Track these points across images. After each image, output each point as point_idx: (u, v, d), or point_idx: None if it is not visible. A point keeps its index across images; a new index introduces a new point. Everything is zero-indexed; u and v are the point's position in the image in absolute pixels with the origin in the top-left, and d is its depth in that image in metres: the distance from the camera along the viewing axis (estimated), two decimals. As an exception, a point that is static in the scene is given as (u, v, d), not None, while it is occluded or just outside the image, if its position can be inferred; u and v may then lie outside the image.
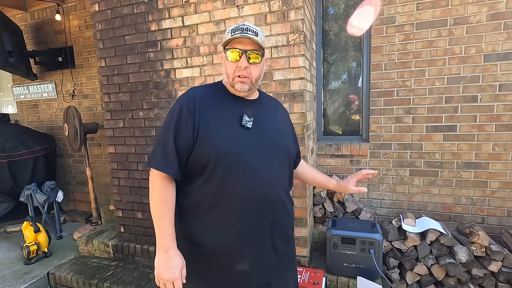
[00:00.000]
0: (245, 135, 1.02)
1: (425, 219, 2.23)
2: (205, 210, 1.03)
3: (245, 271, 1.05)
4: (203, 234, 1.04)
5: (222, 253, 1.04)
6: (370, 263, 1.93)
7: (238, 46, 1.00)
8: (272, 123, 1.13)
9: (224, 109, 1.05)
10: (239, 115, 1.03)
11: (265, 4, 1.96)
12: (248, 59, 1.00)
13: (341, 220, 2.21)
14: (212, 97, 1.07)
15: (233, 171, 0.99)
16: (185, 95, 1.06)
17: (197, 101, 1.02)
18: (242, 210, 1.02)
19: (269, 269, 1.10)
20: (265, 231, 1.07)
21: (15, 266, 2.69)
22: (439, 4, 2.24)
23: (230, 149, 0.99)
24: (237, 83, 1.03)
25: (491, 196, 2.31)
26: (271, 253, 1.10)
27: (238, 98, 1.10)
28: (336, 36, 2.70)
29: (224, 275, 1.05)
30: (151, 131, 2.42)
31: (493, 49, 2.17)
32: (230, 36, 1.00)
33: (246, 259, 1.05)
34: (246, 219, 1.03)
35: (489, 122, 2.24)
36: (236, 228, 1.03)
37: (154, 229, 1.02)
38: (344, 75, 2.78)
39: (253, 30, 1.00)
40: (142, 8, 2.29)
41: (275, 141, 1.10)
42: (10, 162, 3.27)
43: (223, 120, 1.03)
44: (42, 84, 3.94)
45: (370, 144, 2.54)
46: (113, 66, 2.47)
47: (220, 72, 2.16)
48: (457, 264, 1.97)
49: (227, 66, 1.05)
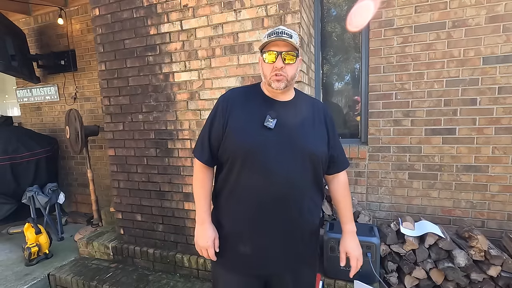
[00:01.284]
0: (265, 135, 1.08)
1: (424, 223, 2.22)
2: (225, 197, 1.18)
3: (254, 258, 1.15)
4: (223, 217, 1.21)
5: (236, 237, 1.16)
6: (368, 267, 1.92)
7: (274, 49, 1.08)
8: (299, 124, 1.15)
9: (252, 109, 1.14)
10: (263, 116, 1.11)
11: (262, 8, 1.98)
12: (284, 60, 1.07)
13: (339, 223, 2.19)
14: (245, 97, 1.18)
15: (247, 167, 1.09)
16: (222, 96, 1.21)
17: (230, 101, 1.16)
18: (253, 205, 1.11)
19: (280, 260, 1.17)
20: (275, 229, 1.13)
21: (16, 267, 2.72)
22: (438, 7, 2.23)
23: (246, 146, 1.08)
24: (273, 82, 1.10)
25: (491, 199, 2.29)
26: (283, 249, 1.16)
27: (268, 99, 1.17)
28: (335, 38, 2.71)
29: (237, 257, 1.17)
30: (150, 134, 2.44)
31: (492, 52, 2.16)
32: (267, 39, 1.08)
33: (256, 249, 1.14)
34: (256, 213, 1.11)
35: (488, 125, 2.23)
36: (248, 219, 1.13)
37: (196, 208, 1.22)
38: (343, 78, 2.78)
39: (288, 33, 1.07)
40: (142, 12, 2.32)
41: (298, 143, 1.11)
42: (13, 164, 3.31)
43: (248, 119, 1.12)
44: (44, 87, 4.00)
45: (369, 147, 2.54)
46: (113, 70, 2.50)
47: (218, 75, 2.17)
48: (455, 269, 1.96)
49: (264, 67, 1.12)
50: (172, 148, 2.38)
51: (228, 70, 2.13)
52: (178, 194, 2.43)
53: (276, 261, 1.16)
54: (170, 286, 2.31)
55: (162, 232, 2.55)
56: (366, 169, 2.58)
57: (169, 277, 2.44)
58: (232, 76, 2.12)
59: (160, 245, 2.57)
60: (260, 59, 1.15)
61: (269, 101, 1.16)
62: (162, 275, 2.47)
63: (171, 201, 2.46)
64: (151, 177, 2.50)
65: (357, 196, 2.62)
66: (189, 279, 2.40)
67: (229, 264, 1.19)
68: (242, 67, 2.09)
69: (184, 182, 2.39)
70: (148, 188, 2.53)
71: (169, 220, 2.50)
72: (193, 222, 2.42)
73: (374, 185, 2.57)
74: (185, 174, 2.37)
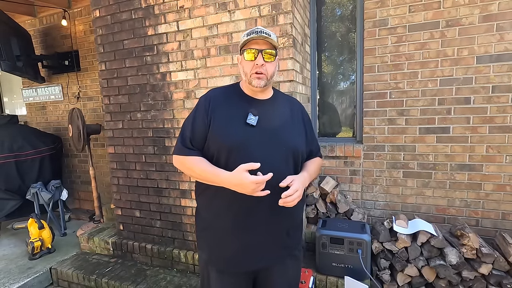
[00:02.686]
0: (248, 132, 1.12)
1: (418, 221, 2.23)
2: (209, 196, 1.19)
3: (241, 255, 1.17)
4: (208, 215, 1.22)
5: (223, 234, 1.18)
6: (358, 263, 1.95)
7: (254, 47, 1.12)
8: (280, 121, 1.19)
9: (233, 108, 1.16)
10: (245, 114, 1.14)
11: (255, 9, 2.02)
12: (264, 58, 1.11)
13: (331, 221, 2.23)
14: (225, 96, 1.20)
15: (231, 164, 1.09)
16: (203, 96, 1.23)
17: (211, 101, 1.17)
18: (238, 202, 1.11)
19: (266, 255, 1.19)
20: (260, 221, 1.15)
21: (20, 261, 2.81)
22: (431, 6, 2.24)
23: (231, 143, 1.10)
24: (254, 79, 1.13)
25: (485, 198, 2.29)
26: (269, 243, 1.19)
27: (248, 98, 1.20)
28: (331, 38, 2.73)
29: (224, 255, 1.18)
30: (148, 132, 2.51)
31: (485, 51, 2.16)
32: (246, 38, 1.12)
33: (243, 245, 1.16)
34: (241, 210, 1.13)
35: (482, 124, 2.23)
36: (233, 216, 1.15)
37: (213, 180, 1.12)
38: (339, 77, 2.81)
39: (266, 32, 1.11)
40: (140, 13, 2.38)
41: (279, 139, 1.16)
42: (18, 162, 3.41)
43: (230, 117, 1.14)
44: (49, 87, 4.10)
45: (363, 145, 2.56)
46: (112, 70, 2.57)
47: (213, 75, 2.22)
48: (447, 266, 1.96)
49: (244, 65, 1.15)
50: (169, 146, 2.44)
51: (222, 69, 2.18)
52: (175, 191, 2.49)
53: (263, 255, 1.19)
54: (167, 281, 2.36)
55: (159, 228, 2.61)
56: (361, 167, 2.60)
57: (166, 272, 2.50)
58: (227, 75, 2.17)
59: (157, 241, 2.63)
60: (239, 58, 1.19)
61: (249, 99, 1.20)
62: (160, 270, 2.52)
63: (168, 197, 2.52)
64: (149, 174, 2.56)
65: (352, 194, 2.64)
66: (185, 274, 2.45)
67: (217, 262, 1.21)
68: (236, 66, 2.13)
69: (181, 179, 2.44)
70: (146, 185, 2.59)
71: (166, 216, 2.56)
72: (189, 218, 2.47)
73: (369, 184, 2.59)
74: (181, 171, 2.42)
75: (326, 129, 2.85)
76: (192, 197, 2.42)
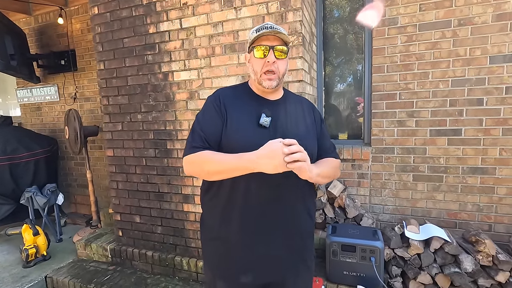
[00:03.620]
0: (261, 134, 1.04)
1: (429, 226, 2.16)
2: (218, 200, 1.10)
3: (252, 263, 1.09)
4: (215, 219, 1.13)
5: (231, 240, 1.09)
6: (371, 272, 1.86)
7: (264, 43, 1.03)
8: (292, 123, 1.13)
9: (244, 109, 1.09)
10: (257, 115, 1.06)
11: (263, 6, 1.93)
12: (275, 54, 1.03)
13: (341, 227, 2.15)
14: (235, 97, 1.12)
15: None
16: (212, 96, 1.14)
17: (221, 99, 1.09)
18: (251, 206, 1.05)
19: (277, 268, 1.11)
20: (271, 229, 1.08)
21: (13, 269, 2.69)
22: (443, 4, 2.18)
23: (246, 146, 1.01)
24: (264, 81, 1.05)
25: (498, 202, 2.23)
26: (282, 253, 1.11)
27: (259, 98, 1.12)
28: (338, 38, 2.66)
29: (235, 266, 1.10)
30: (149, 134, 2.40)
31: (499, 51, 2.10)
32: (256, 34, 1.03)
33: (255, 255, 1.08)
34: (253, 214, 1.06)
35: (495, 126, 2.17)
36: (244, 222, 1.07)
37: (236, 166, 0.98)
38: (346, 78, 2.73)
39: (277, 28, 1.03)
40: (141, 10, 2.28)
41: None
42: (12, 165, 3.28)
43: (242, 118, 1.07)
44: (45, 87, 3.98)
45: (372, 148, 2.48)
46: (112, 69, 2.46)
47: (218, 74, 2.13)
48: (462, 274, 1.89)
49: (254, 63, 1.07)
50: (171, 149, 2.34)
51: (228, 69, 2.09)
52: (177, 195, 2.38)
53: (277, 267, 1.11)
54: (169, 290, 2.26)
55: (161, 234, 2.50)
56: (369, 170, 2.52)
57: (167, 280, 2.39)
58: (233, 75, 2.08)
59: (158, 248, 2.53)
60: (248, 56, 1.11)
61: (260, 99, 1.12)
62: (161, 278, 2.42)
63: (170, 202, 2.42)
64: (150, 178, 2.46)
65: (360, 198, 2.56)
66: (188, 282, 2.35)
67: (225, 274, 1.13)
68: (242, 66, 2.04)
69: (184, 183, 2.34)
70: (147, 189, 2.48)
71: (168, 222, 2.45)
72: (192, 224, 2.37)
73: (378, 187, 2.51)
74: (184, 175, 2.33)
75: (332, 131, 2.77)
76: (195, 202, 2.32)
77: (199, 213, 2.33)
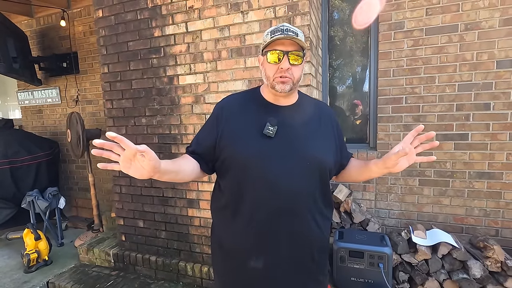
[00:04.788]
0: (265, 144, 0.99)
1: (436, 231, 2.14)
2: (224, 214, 1.08)
3: (260, 280, 1.06)
4: (223, 236, 1.11)
5: (239, 257, 1.07)
6: (379, 278, 1.84)
7: (279, 48, 0.97)
8: (305, 131, 1.05)
9: (249, 117, 1.05)
10: (262, 124, 1.01)
11: (270, 10, 1.92)
12: (289, 60, 0.97)
13: (349, 232, 2.13)
14: (241, 104, 1.09)
15: (248, 179, 1.00)
16: (218, 104, 1.12)
17: (224, 110, 1.07)
18: (255, 221, 1.02)
19: (288, 282, 1.07)
20: (281, 246, 1.03)
21: (15, 275, 2.65)
22: (449, 9, 2.17)
23: (247, 157, 0.99)
24: (277, 84, 0.99)
25: (505, 207, 2.21)
26: (291, 268, 1.06)
27: (268, 105, 1.07)
28: (343, 41, 2.65)
29: (242, 280, 1.08)
30: (153, 138, 2.38)
31: (506, 55, 2.09)
32: (270, 37, 0.97)
33: (262, 269, 1.04)
34: (259, 227, 1.02)
35: (502, 131, 2.16)
36: (251, 234, 1.03)
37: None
38: (351, 81, 2.72)
39: (294, 31, 0.97)
40: (146, 14, 2.26)
41: (302, 152, 1.02)
42: (13, 168, 3.25)
43: (245, 128, 1.03)
44: (46, 90, 3.95)
45: (377, 152, 2.47)
46: (116, 72, 2.44)
47: (224, 78, 2.11)
48: (471, 280, 1.87)
49: (267, 68, 1.02)
50: (176, 153, 2.32)
51: (234, 73, 2.07)
52: (181, 200, 2.36)
53: (284, 282, 1.06)
54: (173, 296, 2.24)
55: (164, 239, 2.48)
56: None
57: (171, 285, 2.36)
58: (239, 79, 2.06)
59: (162, 253, 2.50)
60: (261, 59, 1.05)
61: (269, 106, 1.06)
62: (165, 284, 2.39)
63: (175, 207, 2.39)
64: (154, 183, 2.43)
65: (366, 203, 2.55)
66: (192, 288, 2.33)
67: (234, 285, 1.11)
68: (249, 70, 2.03)
69: (188, 188, 2.32)
70: (151, 193, 2.46)
71: (172, 226, 2.43)
72: (196, 229, 2.35)
73: (383, 192, 2.50)
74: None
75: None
76: (200, 207, 2.30)
77: (204, 218, 2.31)
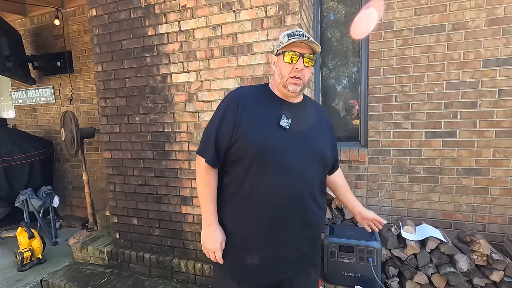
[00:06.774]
0: (281, 135, 1.08)
1: (425, 227, 2.19)
2: (236, 201, 1.13)
3: (267, 263, 1.13)
4: (233, 222, 1.15)
5: (248, 243, 1.12)
6: (369, 272, 1.88)
7: (296, 50, 1.08)
8: (311, 126, 1.17)
9: (265, 109, 1.12)
10: (278, 116, 1.09)
11: (261, 9, 1.95)
12: (303, 62, 1.08)
13: (339, 228, 2.17)
14: (256, 97, 1.15)
15: (267, 167, 1.06)
16: (231, 93, 1.16)
17: (241, 100, 1.11)
18: (271, 205, 1.08)
19: (293, 266, 1.16)
20: (292, 228, 1.11)
21: (8, 273, 2.65)
22: (437, 9, 2.22)
23: (265, 146, 1.06)
24: (290, 84, 1.09)
25: (492, 203, 2.27)
26: (296, 251, 1.15)
27: (280, 100, 1.16)
28: (335, 41, 2.69)
29: (249, 265, 1.13)
30: (147, 136, 2.40)
31: (492, 55, 2.15)
32: (287, 40, 1.08)
33: (271, 254, 1.12)
34: (274, 214, 1.09)
35: (489, 128, 2.21)
36: (262, 223, 1.10)
37: (201, 207, 1.17)
38: (342, 81, 2.77)
39: (308, 37, 1.08)
40: (139, 13, 2.29)
41: (311, 144, 1.14)
42: (6, 167, 3.24)
43: (262, 119, 1.09)
44: (40, 89, 3.94)
45: (368, 149, 2.51)
46: (109, 71, 2.46)
47: (216, 77, 2.14)
48: (457, 273, 1.92)
49: (282, 67, 1.11)
50: (169, 151, 2.34)
51: (227, 71, 2.10)
52: (175, 197, 2.38)
53: (289, 265, 1.15)
54: (167, 292, 2.26)
55: (158, 237, 2.50)
56: (366, 172, 2.55)
57: (165, 282, 2.39)
58: (231, 77, 2.09)
59: (156, 250, 2.52)
60: (274, 59, 1.15)
61: (281, 101, 1.16)
62: (159, 281, 2.41)
63: (168, 204, 2.41)
64: (147, 180, 2.45)
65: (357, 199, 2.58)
66: (186, 284, 2.34)
67: (239, 273, 1.15)
68: (241, 68, 2.06)
69: (182, 185, 2.34)
70: (144, 191, 2.48)
71: (166, 224, 2.45)
72: (190, 226, 2.37)
73: (374, 189, 2.54)
74: (182, 177, 2.33)
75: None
76: (193, 204, 2.32)
77: (197, 215, 2.33)
